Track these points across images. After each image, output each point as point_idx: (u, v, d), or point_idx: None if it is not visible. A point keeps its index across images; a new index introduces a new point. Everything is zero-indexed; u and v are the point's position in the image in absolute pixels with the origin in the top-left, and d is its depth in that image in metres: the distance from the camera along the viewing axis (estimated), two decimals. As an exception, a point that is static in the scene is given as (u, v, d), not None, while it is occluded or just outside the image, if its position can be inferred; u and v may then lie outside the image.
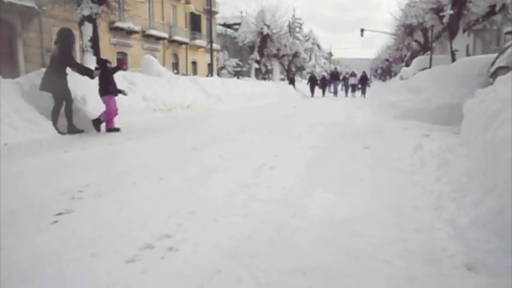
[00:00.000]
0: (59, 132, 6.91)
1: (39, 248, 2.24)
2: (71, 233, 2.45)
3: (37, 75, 7.67)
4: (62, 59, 7.26)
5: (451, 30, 13.97)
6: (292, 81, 29.73)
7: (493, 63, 8.05)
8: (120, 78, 9.90)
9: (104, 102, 7.58)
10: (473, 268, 2.01)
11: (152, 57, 14.84)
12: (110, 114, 7.58)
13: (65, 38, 7.47)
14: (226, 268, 2.02)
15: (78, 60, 9.69)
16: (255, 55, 30.31)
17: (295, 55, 37.62)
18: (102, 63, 7.98)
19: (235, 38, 34.51)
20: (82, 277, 1.94)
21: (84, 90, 7.86)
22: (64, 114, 7.21)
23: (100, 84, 7.64)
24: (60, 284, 1.89)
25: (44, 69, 7.86)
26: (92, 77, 7.62)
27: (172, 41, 30.71)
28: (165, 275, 1.96)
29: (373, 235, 2.42)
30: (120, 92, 7.83)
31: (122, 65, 8.13)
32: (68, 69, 7.38)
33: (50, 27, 19.42)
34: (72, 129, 7.23)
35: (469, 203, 2.65)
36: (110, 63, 7.97)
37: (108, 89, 7.60)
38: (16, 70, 16.87)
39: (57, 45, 7.38)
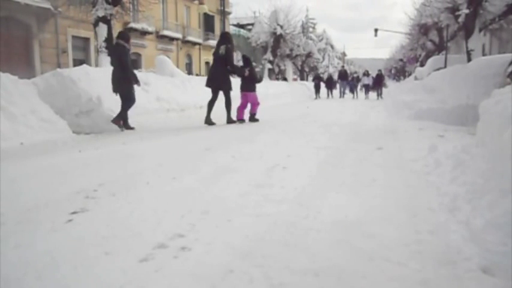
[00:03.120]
0: None
1: (53, 246, 2.27)
2: (85, 232, 2.48)
3: (53, 76, 7.78)
4: (227, 58, 8.53)
5: (467, 30, 13.78)
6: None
7: (510, 63, 7.95)
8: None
9: (252, 97, 9.14)
10: (489, 271, 1.98)
11: (166, 57, 14.95)
12: (256, 106, 9.25)
13: (230, 40, 8.81)
14: (238, 268, 2.02)
15: (93, 61, 10.03)
16: (268, 55, 30.31)
17: (309, 55, 37.56)
18: (248, 62, 9.50)
19: (248, 38, 34.54)
20: (96, 275, 1.96)
21: (99, 90, 7.94)
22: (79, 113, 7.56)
23: (245, 82, 9.17)
24: (74, 282, 1.91)
25: (59, 70, 8.00)
26: (244, 75, 9.14)
27: (185, 42, 30.90)
28: (178, 274, 1.97)
29: (387, 236, 2.40)
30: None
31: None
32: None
33: (65, 28, 19.70)
34: (230, 120, 8.76)
35: (485, 204, 2.62)
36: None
37: (253, 87, 9.22)
38: (32, 70, 17.12)
39: (223, 46, 8.53)
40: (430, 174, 3.84)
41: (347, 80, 28.27)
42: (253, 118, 9.15)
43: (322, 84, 27.97)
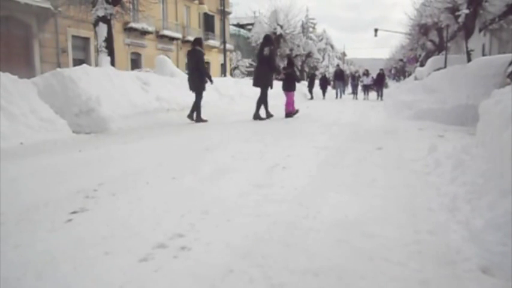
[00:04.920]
0: None
1: (53, 246, 2.27)
2: (85, 232, 2.48)
3: (52, 75, 7.77)
4: (270, 58, 9.47)
5: (467, 30, 13.79)
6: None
7: (510, 63, 7.94)
8: (134, 78, 10.00)
9: (289, 96, 10.48)
10: (489, 271, 1.98)
11: (166, 57, 14.95)
12: (290, 105, 10.47)
13: (273, 42, 9.91)
14: (238, 268, 2.02)
15: (93, 61, 10.29)
16: (268, 55, 30.26)
17: (309, 55, 37.60)
18: (292, 64, 11.25)
19: (248, 38, 34.59)
20: (95, 275, 1.96)
21: (99, 90, 7.93)
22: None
23: (287, 82, 10.57)
24: (74, 281, 1.91)
25: (59, 69, 8.02)
26: (284, 75, 10.53)
27: (185, 41, 30.79)
28: (178, 274, 1.97)
29: (387, 236, 2.40)
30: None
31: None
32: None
33: (65, 28, 19.68)
34: (258, 116, 9.56)
35: (485, 205, 2.61)
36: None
37: (293, 86, 10.59)
38: (32, 70, 17.11)
39: (267, 48, 9.43)
40: (430, 175, 3.84)
41: (343, 80, 27.61)
42: (289, 115, 10.32)
43: (317, 84, 26.96)
